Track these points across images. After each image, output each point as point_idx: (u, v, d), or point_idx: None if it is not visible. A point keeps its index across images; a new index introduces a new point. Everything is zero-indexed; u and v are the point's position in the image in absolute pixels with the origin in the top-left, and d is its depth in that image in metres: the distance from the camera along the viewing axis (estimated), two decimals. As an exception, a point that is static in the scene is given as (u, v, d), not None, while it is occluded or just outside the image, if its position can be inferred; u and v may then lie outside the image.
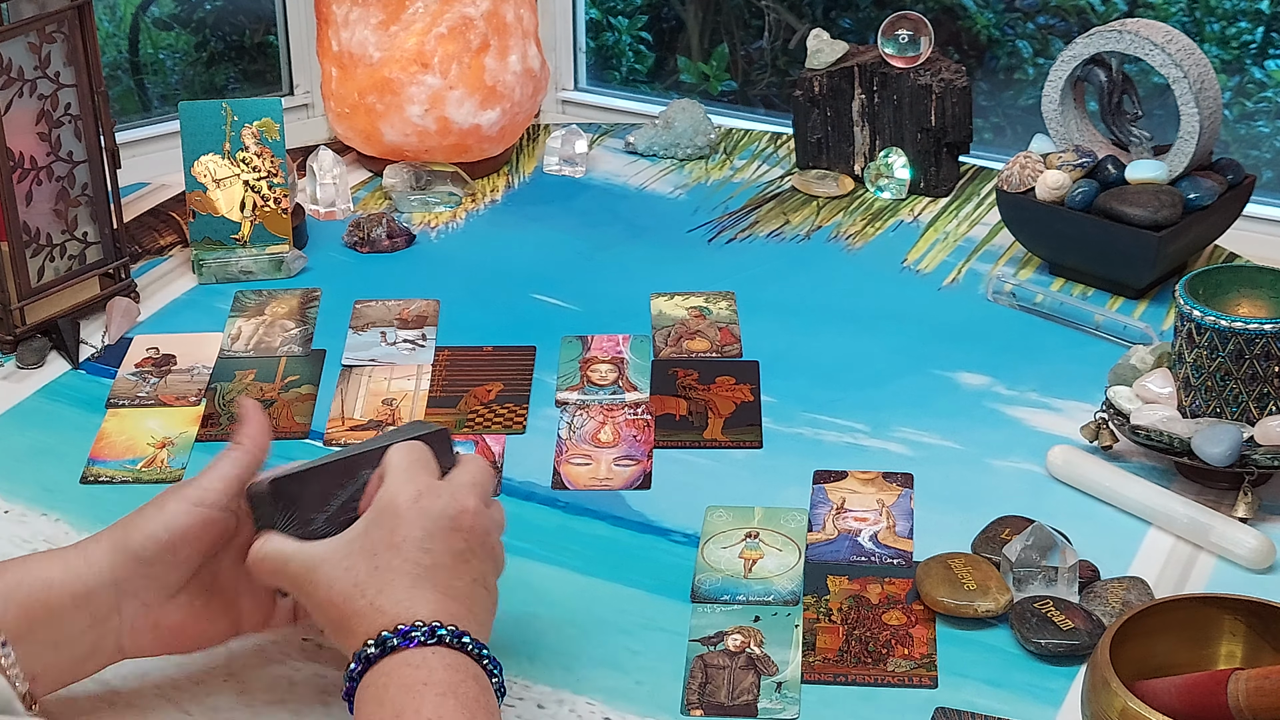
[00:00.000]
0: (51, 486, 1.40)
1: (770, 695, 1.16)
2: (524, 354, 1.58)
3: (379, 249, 1.77)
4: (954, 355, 1.57)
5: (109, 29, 2.72)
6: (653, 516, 1.36)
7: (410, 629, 1.04)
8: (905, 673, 1.19)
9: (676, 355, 1.57)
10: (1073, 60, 1.66)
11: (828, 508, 1.36)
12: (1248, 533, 1.29)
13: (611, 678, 1.18)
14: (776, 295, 1.67)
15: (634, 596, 1.27)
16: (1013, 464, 1.41)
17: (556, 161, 1.95)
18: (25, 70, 1.53)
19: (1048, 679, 1.18)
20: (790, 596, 1.26)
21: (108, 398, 1.53)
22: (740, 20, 2.82)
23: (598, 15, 2.79)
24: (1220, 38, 2.55)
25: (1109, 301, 1.64)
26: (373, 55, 1.87)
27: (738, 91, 2.83)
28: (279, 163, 1.73)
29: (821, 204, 1.85)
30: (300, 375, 1.55)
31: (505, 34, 1.89)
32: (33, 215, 1.57)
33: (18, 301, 1.58)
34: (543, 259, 1.76)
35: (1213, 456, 1.32)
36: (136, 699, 1.16)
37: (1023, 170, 1.66)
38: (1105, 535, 1.32)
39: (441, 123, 1.88)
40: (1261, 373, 1.33)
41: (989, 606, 1.23)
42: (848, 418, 1.48)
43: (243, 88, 2.71)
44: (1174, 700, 1.05)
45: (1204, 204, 1.61)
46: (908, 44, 1.83)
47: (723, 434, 1.46)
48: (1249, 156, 2.54)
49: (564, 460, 1.43)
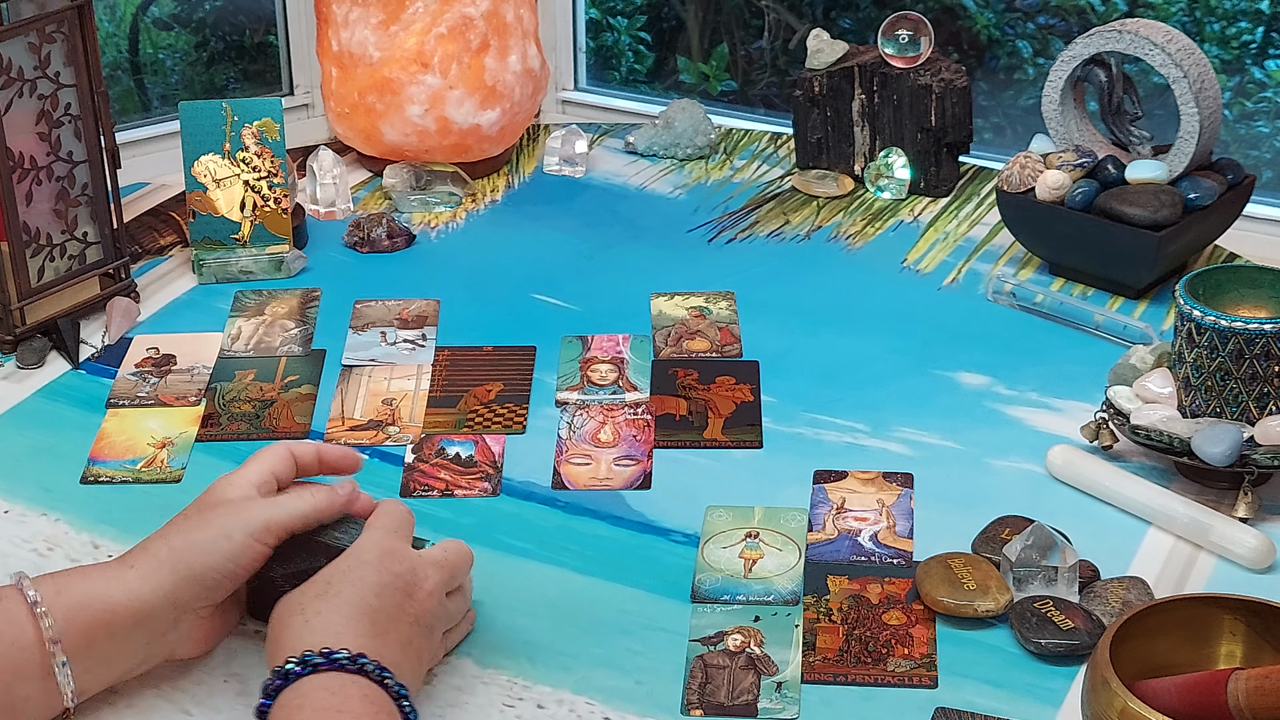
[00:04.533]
0: (51, 486, 1.40)
1: (770, 695, 1.16)
2: (524, 354, 1.58)
3: (379, 249, 1.77)
4: (954, 355, 1.57)
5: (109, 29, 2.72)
6: (653, 516, 1.36)
7: (334, 653, 1.05)
8: (905, 673, 1.19)
9: (676, 355, 1.57)
10: (1073, 60, 1.66)
11: (828, 507, 1.36)
12: (1248, 533, 1.29)
13: (611, 678, 1.18)
14: (776, 295, 1.67)
15: (634, 596, 1.27)
16: (1013, 464, 1.41)
17: (556, 161, 1.95)
18: (25, 70, 1.53)
19: (1048, 679, 1.18)
20: (790, 596, 1.26)
21: (108, 398, 1.53)
22: (740, 20, 2.82)
23: (597, 15, 2.79)
24: (1220, 38, 2.55)
25: (1109, 301, 1.64)
26: (373, 55, 1.87)
27: (738, 91, 2.82)
28: (279, 163, 1.73)
29: (821, 204, 1.85)
30: (300, 375, 1.55)
31: (505, 34, 1.89)
32: (33, 215, 1.57)
33: (18, 301, 1.58)
34: (543, 259, 1.76)
35: (1213, 456, 1.32)
36: (137, 699, 1.16)
37: (1023, 170, 1.66)
38: (1105, 535, 1.32)
39: (441, 123, 1.88)
40: (1261, 373, 1.33)
41: (989, 606, 1.23)
42: (848, 418, 1.48)
43: (243, 88, 2.71)
44: (1174, 700, 1.05)
45: (1204, 204, 1.61)
46: (908, 44, 1.83)
47: (723, 434, 1.46)
48: (1249, 156, 2.54)
49: (564, 460, 1.43)
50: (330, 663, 1.05)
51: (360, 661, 1.05)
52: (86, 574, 1.13)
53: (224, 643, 1.21)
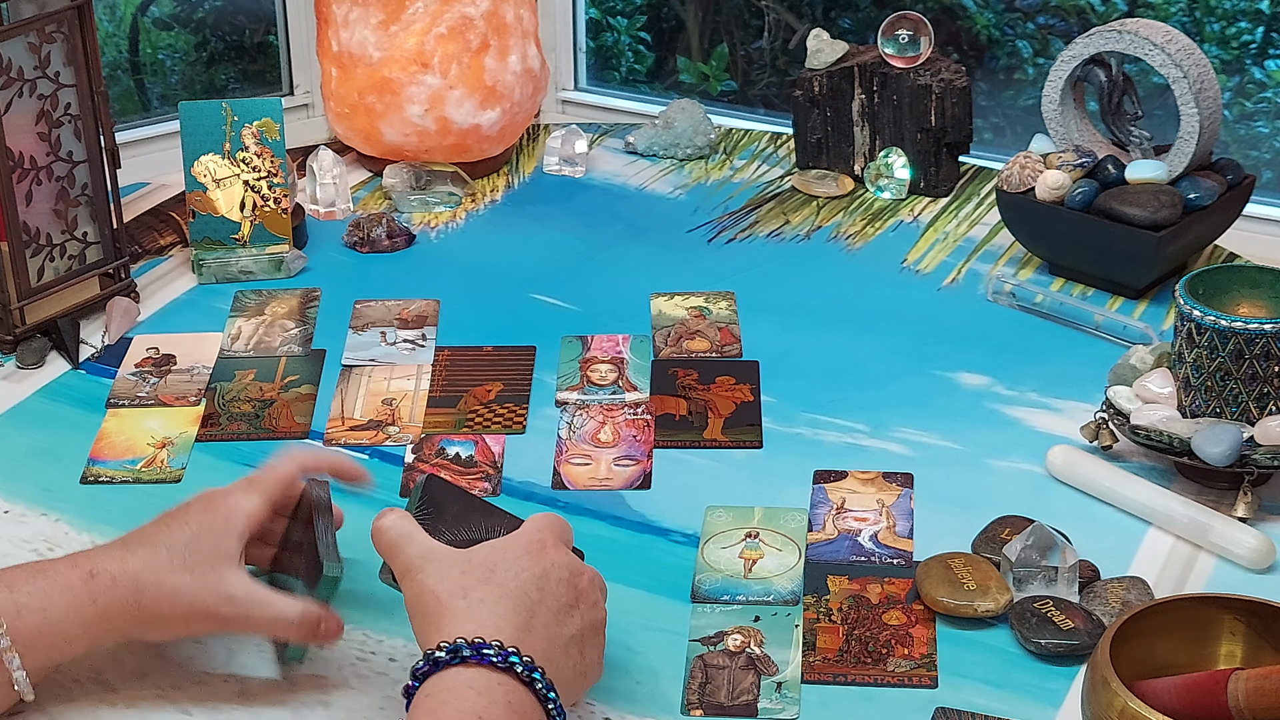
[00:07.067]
0: (51, 486, 1.40)
1: (770, 695, 1.16)
2: (524, 354, 1.58)
3: (379, 249, 1.77)
4: (954, 355, 1.57)
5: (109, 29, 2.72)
6: (653, 516, 1.36)
7: (484, 645, 1.04)
8: (905, 673, 1.19)
9: (676, 355, 1.57)
10: (1073, 60, 1.66)
11: (828, 508, 1.36)
12: (1248, 533, 1.29)
13: (611, 678, 1.18)
14: (776, 295, 1.67)
15: (634, 596, 1.27)
16: (1013, 464, 1.41)
17: (556, 161, 1.95)
18: (25, 70, 1.53)
19: (1048, 679, 1.18)
20: (790, 596, 1.26)
21: (108, 398, 1.53)
22: (740, 20, 2.82)
23: (597, 15, 2.79)
24: (1220, 38, 2.55)
25: (1109, 301, 1.64)
26: (373, 55, 1.87)
27: (737, 91, 2.83)
28: (279, 163, 1.73)
29: (821, 204, 1.85)
30: (300, 375, 1.55)
31: (505, 34, 1.89)
32: (33, 215, 1.57)
33: (18, 301, 1.58)
34: (543, 259, 1.76)
35: (1213, 456, 1.32)
36: (137, 699, 1.16)
37: (1023, 170, 1.66)
38: (1105, 535, 1.32)
39: (441, 123, 1.88)
40: (1261, 373, 1.33)
41: (989, 606, 1.23)
42: (848, 418, 1.48)
43: (243, 88, 2.71)
44: (1174, 700, 1.05)
45: (1204, 204, 1.61)
46: (908, 44, 1.83)
47: (723, 434, 1.46)
48: (1249, 156, 2.55)
49: (564, 460, 1.43)
50: (479, 656, 1.03)
51: (511, 660, 1.03)
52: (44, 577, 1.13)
53: (224, 643, 1.21)
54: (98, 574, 1.12)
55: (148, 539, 1.15)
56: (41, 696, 1.15)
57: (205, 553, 1.14)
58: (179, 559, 1.13)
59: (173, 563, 1.13)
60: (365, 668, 1.19)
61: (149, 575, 1.13)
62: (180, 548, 1.14)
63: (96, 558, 1.14)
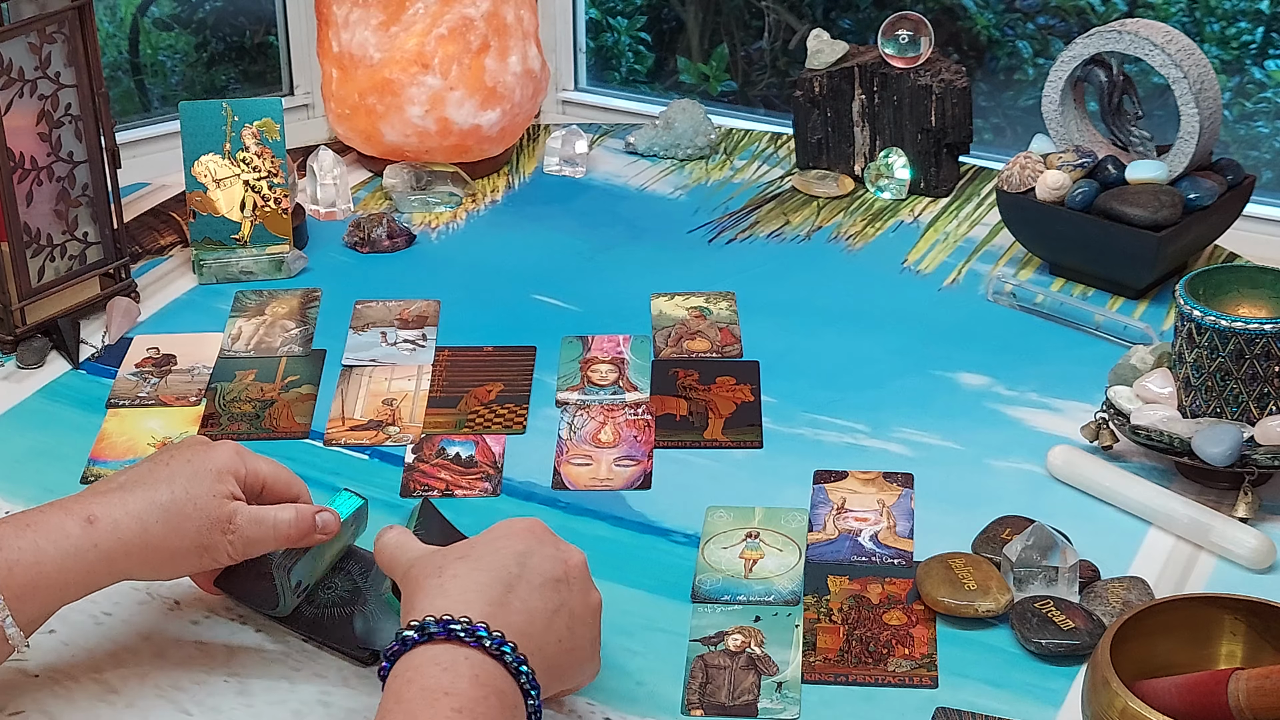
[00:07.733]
0: (51, 486, 1.40)
1: (770, 695, 1.16)
2: (524, 354, 1.58)
3: (379, 249, 1.77)
4: (954, 355, 1.57)
5: (109, 29, 2.73)
6: (653, 516, 1.36)
7: (452, 621, 1.03)
8: (905, 673, 1.19)
9: (677, 355, 1.57)
10: (1073, 60, 1.66)
11: (828, 508, 1.36)
12: (1248, 533, 1.29)
13: (611, 678, 1.18)
14: (776, 295, 1.67)
15: (634, 596, 1.27)
16: (1013, 464, 1.41)
17: (557, 162, 1.95)
18: (25, 70, 1.53)
19: (1048, 679, 1.18)
20: (790, 596, 1.26)
21: (108, 398, 1.53)
22: (740, 21, 2.82)
23: (597, 15, 2.79)
24: (1220, 38, 2.55)
25: (1109, 301, 1.64)
26: (373, 56, 1.87)
27: (738, 92, 2.83)
28: (279, 163, 1.73)
29: (821, 204, 1.85)
30: (300, 375, 1.55)
31: (505, 35, 1.89)
32: (33, 215, 1.57)
33: (18, 301, 1.58)
34: (543, 259, 1.76)
35: (1213, 456, 1.32)
36: (137, 699, 1.16)
37: (1023, 170, 1.66)
38: (1105, 535, 1.32)
39: (442, 123, 1.88)
40: (1261, 373, 1.33)
41: (989, 606, 1.23)
42: (848, 418, 1.48)
43: (243, 88, 2.71)
44: (1174, 700, 1.05)
45: (1204, 204, 1.61)
46: (908, 44, 1.83)
47: (723, 434, 1.46)
48: (1249, 157, 2.55)
49: (564, 460, 1.43)
50: (446, 632, 1.02)
51: (479, 634, 1.02)
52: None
53: (224, 642, 1.21)
54: (97, 519, 1.12)
55: (142, 478, 1.15)
56: (42, 696, 1.15)
57: (204, 484, 1.15)
58: (180, 492, 1.14)
59: (174, 496, 1.14)
60: (365, 668, 1.19)
61: (153, 512, 1.13)
62: (181, 481, 1.15)
63: (91, 503, 1.13)
